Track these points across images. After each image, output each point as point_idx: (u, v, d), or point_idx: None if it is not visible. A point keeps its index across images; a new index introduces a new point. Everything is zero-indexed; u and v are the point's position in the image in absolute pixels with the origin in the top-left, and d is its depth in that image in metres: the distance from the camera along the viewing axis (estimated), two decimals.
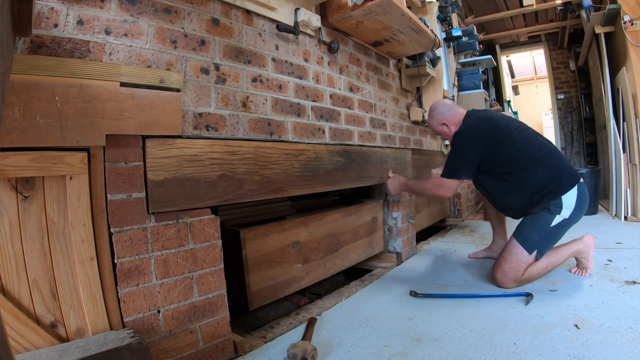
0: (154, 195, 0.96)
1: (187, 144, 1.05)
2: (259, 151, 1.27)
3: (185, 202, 1.03)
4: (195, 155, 1.07)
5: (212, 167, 1.11)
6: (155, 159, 0.97)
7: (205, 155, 1.09)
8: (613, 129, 3.13)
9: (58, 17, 0.85)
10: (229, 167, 1.16)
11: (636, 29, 2.85)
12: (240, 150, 1.20)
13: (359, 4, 1.59)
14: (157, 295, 0.96)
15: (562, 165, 1.59)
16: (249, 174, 1.23)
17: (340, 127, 1.76)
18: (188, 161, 1.05)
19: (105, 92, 0.87)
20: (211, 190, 1.10)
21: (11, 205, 0.76)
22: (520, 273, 1.50)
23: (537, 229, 1.55)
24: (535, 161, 1.57)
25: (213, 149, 1.12)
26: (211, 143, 1.11)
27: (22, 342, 0.76)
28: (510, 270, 1.51)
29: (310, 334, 1.20)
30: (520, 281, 1.52)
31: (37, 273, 0.79)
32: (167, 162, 1.00)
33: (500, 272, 1.53)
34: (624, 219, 2.88)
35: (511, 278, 1.51)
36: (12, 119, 0.74)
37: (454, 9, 3.05)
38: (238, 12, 1.28)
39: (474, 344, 1.10)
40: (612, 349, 1.00)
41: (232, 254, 1.24)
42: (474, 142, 1.62)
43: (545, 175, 1.55)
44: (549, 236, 1.55)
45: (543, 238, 1.54)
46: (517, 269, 1.50)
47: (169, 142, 1.01)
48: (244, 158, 1.21)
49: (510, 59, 7.17)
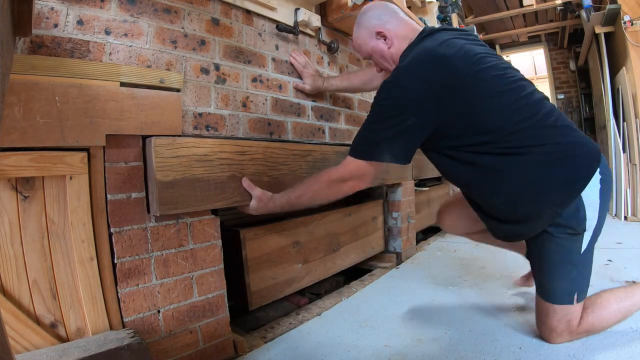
0: (162, 197, 0.92)
1: (197, 142, 1.02)
2: (268, 151, 1.23)
3: (195, 204, 1.01)
4: (205, 155, 1.04)
5: (222, 167, 1.08)
6: (164, 158, 0.94)
7: (214, 155, 1.06)
8: (613, 129, 3.13)
9: (58, 17, 0.85)
10: (238, 167, 1.13)
11: (636, 29, 2.85)
12: (250, 151, 1.17)
13: (359, 4, 1.59)
14: (157, 295, 0.96)
15: (576, 139, 0.98)
16: (258, 175, 1.19)
17: (340, 127, 1.76)
18: (198, 161, 1.01)
19: (105, 92, 0.87)
20: (220, 191, 1.08)
21: (11, 205, 0.76)
22: (574, 323, 1.01)
23: (564, 268, 0.99)
24: (541, 134, 0.95)
25: (223, 148, 1.09)
26: (221, 142, 1.09)
27: (22, 342, 0.76)
28: (559, 324, 1.01)
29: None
30: (578, 333, 1.03)
31: (37, 273, 0.79)
32: (176, 162, 0.96)
33: (546, 329, 1.04)
34: (624, 219, 2.88)
35: (563, 332, 1.02)
36: (12, 119, 0.74)
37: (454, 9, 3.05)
38: (238, 12, 1.28)
39: (474, 344, 1.10)
40: (612, 348, 1.00)
41: (232, 254, 1.24)
42: (421, 104, 0.93)
43: (556, 157, 0.95)
44: (582, 267, 1.01)
45: (577, 275, 1.00)
46: (567, 319, 1.01)
47: (179, 140, 0.97)
48: (253, 158, 1.18)
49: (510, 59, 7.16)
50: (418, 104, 0.94)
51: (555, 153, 0.95)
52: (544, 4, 4.28)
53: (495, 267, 1.82)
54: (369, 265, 2.06)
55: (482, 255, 2.10)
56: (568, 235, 0.98)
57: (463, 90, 0.93)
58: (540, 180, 0.95)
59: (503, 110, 0.94)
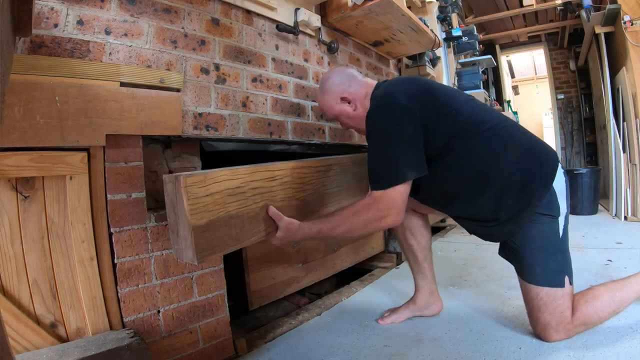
0: (199, 244, 0.81)
1: (230, 174, 0.91)
2: (295, 172, 1.13)
3: (232, 244, 0.91)
4: (238, 187, 0.93)
5: (254, 198, 0.98)
6: (197, 199, 0.82)
7: (247, 186, 0.96)
8: (613, 129, 3.13)
9: (58, 17, 0.85)
10: (269, 195, 1.03)
11: (636, 29, 2.85)
12: (279, 174, 1.07)
13: (359, 4, 1.59)
14: (157, 295, 0.96)
15: (532, 139, 1.10)
16: (287, 200, 1.09)
17: (340, 127, 1.76)
18: (231, 195, 0.90)
19: (105, 92, 0.87)
20: (254, 224, 0.98)
21: (11, 205, 0.76)
22: (567, 315, 1.02)
23: (550, 250, 1.04)
24: (502, 134, 1.05)
25: (254, 177, 0.98)
26: (252, 170, 0.98)
27: (22, 342, 0.76)
28: (552, 318, 1.02)
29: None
30: (574, 326, 1.03)
31: (37, 273, 0.79)
32: (209, 201, 0.85)
33: (540, 326, 1.05)
34: (624, 219, 2.88)
35: (558, 326, 1.03)
36: (12, 119, 0.74)
37: (454, 9, 3.05)
38: (238, 12, 1.28)
39: (474, 344, 1.10)
40: (612, 348, 1.00)
41: (232, 254, 1.24)
42: (408, 111, 0.99)
43: (520, 152, 1.05)
44: (564, 250, 1.07)
45: (562, 257, 1.05)
46: (559, 311, 1.02)
47: (211, 175, 0.86)
48: (283, 182, 1.08)
49: (510, 59, 7.16)
50: (407, 112, 1.00)
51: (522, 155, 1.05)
52: (544, 4, 4.28)
53: (495, 267, 1.82)
54: (369, 265, 2.06)
55: (482, 255, 2.10)
56: (549, 219, 1.04)
57: (438, 97, 1.06)
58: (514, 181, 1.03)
59: (470, 113, 1.07)
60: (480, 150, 1.03)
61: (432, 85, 1.10)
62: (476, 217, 1.10)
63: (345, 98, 1.17)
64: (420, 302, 1.32)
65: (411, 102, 1.00)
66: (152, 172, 1.07)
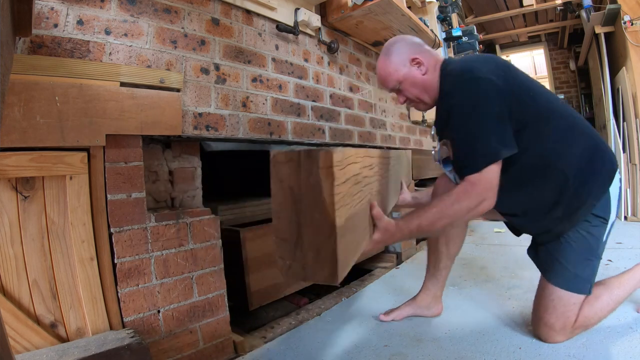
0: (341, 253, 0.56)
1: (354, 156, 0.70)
2: (382, 161, 1.01)
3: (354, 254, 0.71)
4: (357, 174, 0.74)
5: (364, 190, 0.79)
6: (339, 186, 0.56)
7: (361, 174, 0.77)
8: (613, 129, 3.13)
9: (58, 17, 0.85)
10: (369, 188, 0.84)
11: (636, 29, 2.85)
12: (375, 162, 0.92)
13: (359, 4, 1.59)
14: (157, 295, 0.96)
15: (598, 137, 1.06)
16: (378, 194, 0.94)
17: (340, 127, 1.76)
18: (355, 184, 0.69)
19: (105, 92, 0.87)
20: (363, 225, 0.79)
21: (11, 205, 0.76)
22: (571, 320, 1.02)
23: (588, 255, 1.01)
24: (572, 125, 1.02)
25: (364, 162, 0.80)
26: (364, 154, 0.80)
27: (22, 342, 0.76)
28: (557, 321, 1.02)
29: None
30: (574, 329, 1.04)
31: (37, 273, 0.79)
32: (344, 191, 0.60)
33: (543, 326, 1.04)
34: (624, 218, 2.88)
35: (560, 330, 1.02)
36: (12, 119, 0.74)
37: (454, 9, 3.04)
38: (238, 12, 1.28)
39: (474, 344, 1.10)
40: (612, 348, 1.00)
41: (232, 254, 1.24)
42: (495, 86, 0.94)
43: (587, 147, 1.01)
44: (599, 257, 1.04)
45: (595, 265, 1.03)
46: (566, 316, 1.01)
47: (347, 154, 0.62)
48: (376, 173, 0.93)
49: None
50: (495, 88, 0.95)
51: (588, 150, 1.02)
52: (544, 4, 4.28)
53: (495, 267, 1.82)
54: (369, 265, 2.06)
55: (482, 255, 2.10)
56: (600, 222, 1.02)
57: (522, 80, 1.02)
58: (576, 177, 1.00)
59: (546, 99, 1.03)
60: (552, 136, 1.00)
61: (509, 64, 1.05)
62: (534, 208, 1.05)
63: (416, 59, 1.08)
64: (422, 302, 1.32)
65: (497, 78, 0.96)
66: (152, 172, 1.07)
